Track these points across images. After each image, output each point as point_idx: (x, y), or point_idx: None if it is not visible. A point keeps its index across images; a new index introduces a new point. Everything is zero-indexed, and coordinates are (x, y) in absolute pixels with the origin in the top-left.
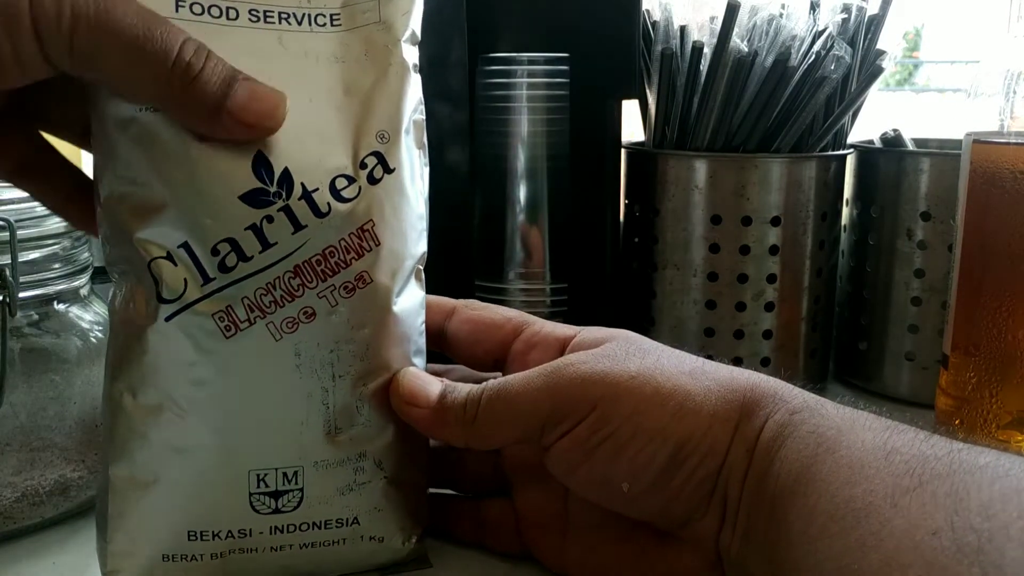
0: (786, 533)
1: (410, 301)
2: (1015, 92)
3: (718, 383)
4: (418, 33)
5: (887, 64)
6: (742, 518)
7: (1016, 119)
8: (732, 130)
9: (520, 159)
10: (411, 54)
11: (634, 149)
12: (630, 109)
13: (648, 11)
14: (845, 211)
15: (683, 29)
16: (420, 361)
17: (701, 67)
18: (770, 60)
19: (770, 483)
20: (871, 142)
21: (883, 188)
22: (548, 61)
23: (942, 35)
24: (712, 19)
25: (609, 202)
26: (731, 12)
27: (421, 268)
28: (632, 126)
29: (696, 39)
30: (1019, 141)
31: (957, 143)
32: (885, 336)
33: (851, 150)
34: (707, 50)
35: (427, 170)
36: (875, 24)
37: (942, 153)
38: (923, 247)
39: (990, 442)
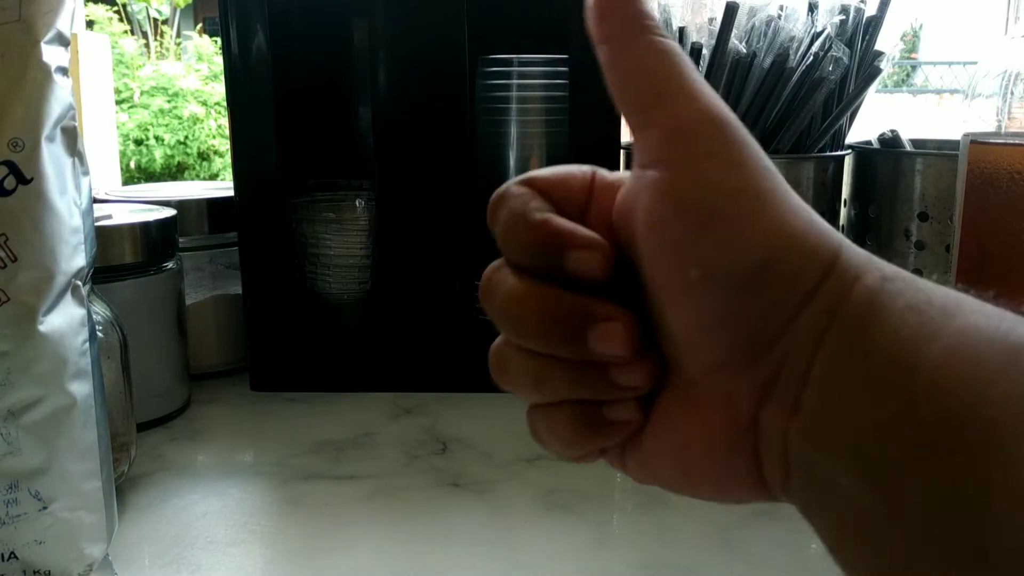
0: (880, 448)
1: (63, 320)
2: (1012, 93)
3: (819, 220)
4: (67, 33)
5: (885, 65)
6: (810, 401)
7: (1013, 120)
8: None
9: (519, 160)
10: (56, 56)
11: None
12: None
13: None
14: (843, 211)
15: (682, 30)
16: (82, 385)
17: (700, 68)
18: (768, 61)
19: (854, 368)
20: (869, 143)
21: (881, 189)
22: (548, 62)
23: (940, 37)
24: (711, 20)
25: None
26: (730, 13)
27: (80, 284)
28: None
29: (695, 40)
30: (1016, 142)
31: (954, 144)
32: None
33: (849, 151)
34: (706, 51)
35: (86, 179)
36: (873, 26)
37: (940, 154)
38: (920, 247)
39: None
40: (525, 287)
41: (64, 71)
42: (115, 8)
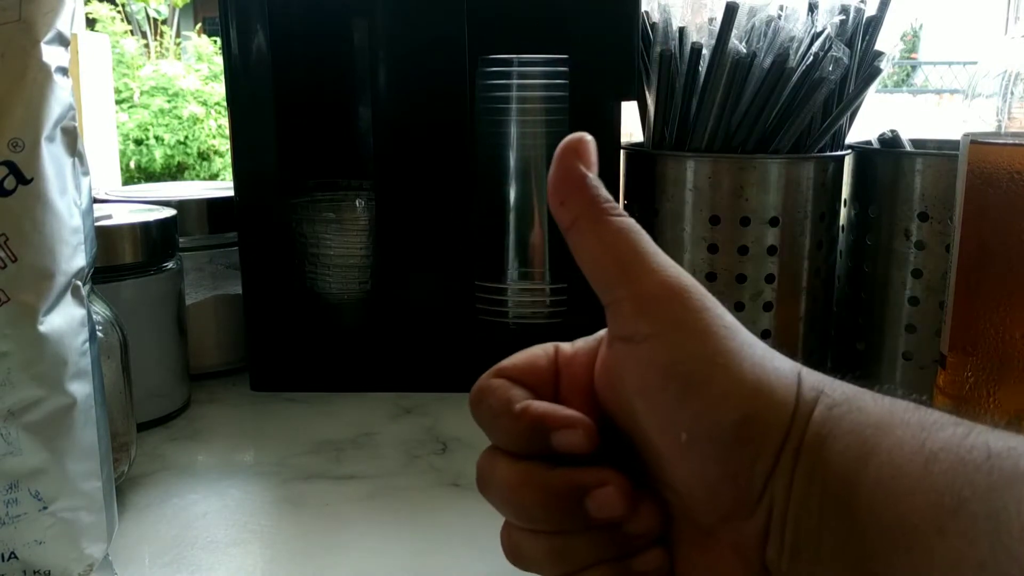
0: (841, 554)
1: (64, 320)
2: (1012, 93)
3: (783, 366)
4: (67, 34)
5: (885, 65)
6: (790, 530)
7: (1013, 120)
8: (731, 131)
9: (519, 160)
10: (56, 56)
11: (633, 150)
12: (629, 110)
13: (647, 12)
14: (843, 212)
15: (682, 31)
16: (82, 385)
17: (700, 68)
18: (768, 61)
19: (815, 492)
20: (869, 143)
21: (881, 189)
22: (547, 62)
23: (940, 37)
24: (711, 20)
25: None
26: (730, 13)
27: (80, 284)
28: (631, 127)
29: (695, 40)
30: (1016, 142)
31: (954, 144)
32: (883, 336)
33: (849, 151)
34: (706, 51)
35: (87, 179)
36: (873, 26)
37: (939, 154)
38: (920, 247)
39: None
40: (518, 473)
41: (64, 71)
42: (118, 7)
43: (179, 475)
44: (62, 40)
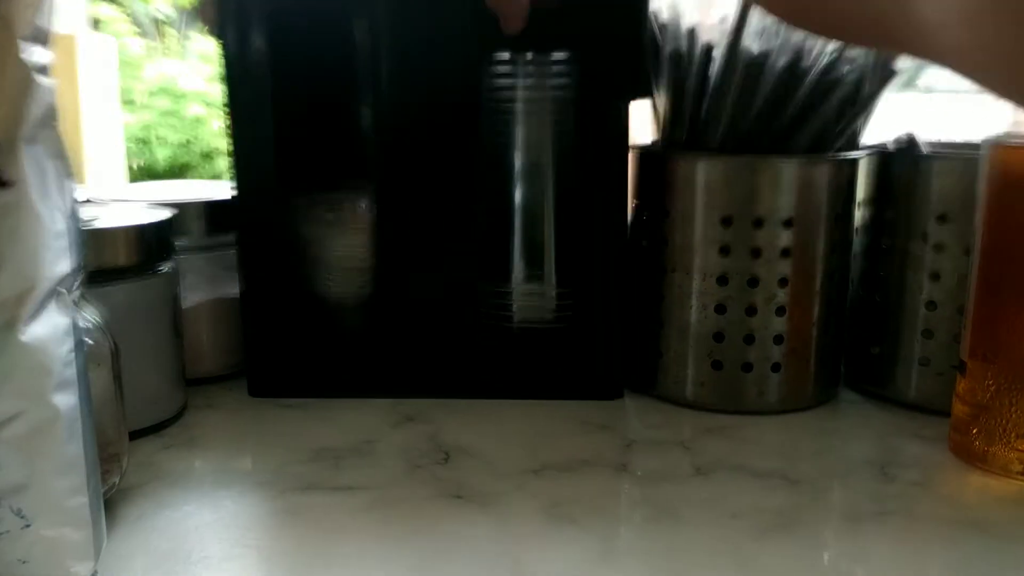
0: None
1: (46, 329)
2: None
3: None
4: (48, 30)
5: (901, 66)
6: None
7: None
8: (744, 132)
9: (525, 161)
10: (36, 54)
11: (643, 151)
12: (640, 110)
13: (656, 12)
14: (858, 214)
15: (692, 30)
16: (66, 397)
17: (711, 68)
18: (782, 61)
19: None
20: (885, 144)
21: (898, 190)
22: (555, 62)
23: None
24: (722, 20)
25: (616, 205)
26: (743, 13)
27: (65, 292)
28: (641, 127)
29: (706, 40)
30: None
31: (973, 145)
32: (898, 341)
33: (865, 153)
34: (717, 51)
35: (70, 183)
36: None
37: (957, 155)
38: (939, 250)
39: (1009, 452)
40: None
41: (45, 70)
42: (126, 10)
43: (172, 486)
44: (43, 37)
